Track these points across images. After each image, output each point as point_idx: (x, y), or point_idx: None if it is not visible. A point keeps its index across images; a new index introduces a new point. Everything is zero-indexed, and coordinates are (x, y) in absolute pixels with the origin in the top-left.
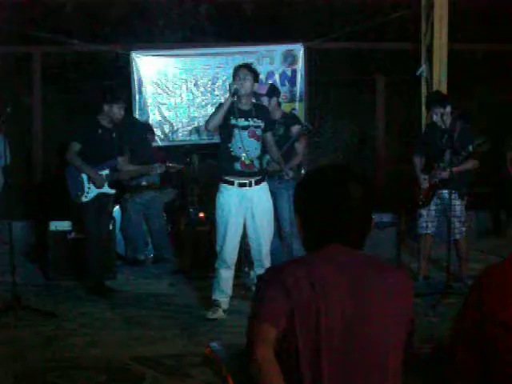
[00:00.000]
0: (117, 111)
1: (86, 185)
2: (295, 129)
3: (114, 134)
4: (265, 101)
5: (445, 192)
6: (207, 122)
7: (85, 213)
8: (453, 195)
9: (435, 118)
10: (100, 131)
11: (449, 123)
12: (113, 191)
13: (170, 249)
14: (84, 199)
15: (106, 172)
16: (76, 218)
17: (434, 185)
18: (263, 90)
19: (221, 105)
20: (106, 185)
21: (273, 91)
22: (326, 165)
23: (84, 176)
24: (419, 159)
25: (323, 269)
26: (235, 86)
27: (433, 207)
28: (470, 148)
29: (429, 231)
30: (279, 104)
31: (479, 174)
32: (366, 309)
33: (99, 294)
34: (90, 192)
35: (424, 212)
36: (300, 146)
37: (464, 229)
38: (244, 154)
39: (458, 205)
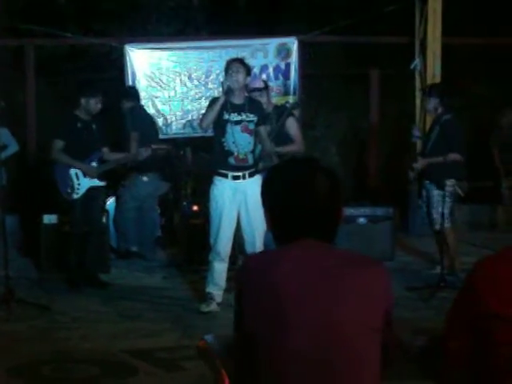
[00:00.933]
0: (93, 105)
1: (76, 181)
2: (284, 116)
3: (93, 126)
4: (256, 95)
5: (427, 183)
6: (201, 120)
7: (74, 208)
8: (430, 185)
9: (425, 103)
10: (79, 125)
11: (438, 114)
12: (102, 183)
13: (153, 249)
14: (75, 196)
15: (93, 165)
16: (64, 213)
17: (417, 176)
18: (257, 84)
19: (214, 101)
20: (95, 178)
21: (264, 86)
22: (292, 158)
23: (72, 173)
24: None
25: (290, 262)
26: (228, 84)
27: (423, 203)
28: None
29: (437, 226)
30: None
31: (475, 168)
32: (336, 302)
33: (94, 286)
34: (81, 188)
35: (422, 204)
36: (296, 134)
37: (446, 220)
38: (237, 149)
39: (435, 195)
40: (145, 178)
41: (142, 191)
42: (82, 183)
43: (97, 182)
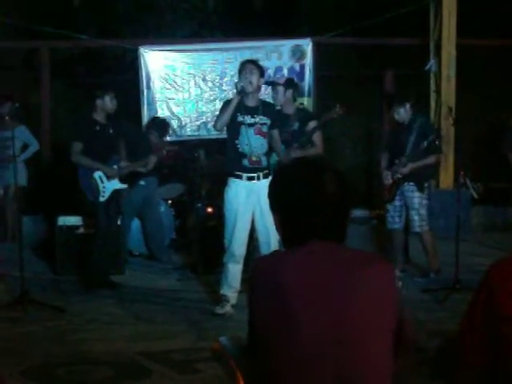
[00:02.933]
0: (109, 102)
1: (101, 185)
2: (312, 123)
3: (110, 130)
4: (280, 91)
5: (405, 185)
6: (215, 122)
7: (100, 211)
8: (411, 187)
9: (396, 116)
10: (98, 128)
11: (408, 120)
12: (124, 185)
13: (166, 251)
14: (101, 199)
15: (114, 167)
16: (88, 215)
17: (396, 180)
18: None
19: (227, 103)
20: (117, 180)
21: (291, 83)
22: (300, 160)
23: (96, 176)
24: (384, 156)
25: (300, 263)
26: (241, 84)
27: (398, 202)
28: (425, 144)
29: (396, 226)
30: (294, 99)
31: (489, 169)
32: (346, 302)
33: (103, 287)
34: (106, 191)
35: (390, 207)
36: (318, 139)
37: (425, 222)
38: (251, 151)
39: (416, 197)
40: (141, 182)
41: (140, 195)
42: (107, 186)
43: (119, 185)
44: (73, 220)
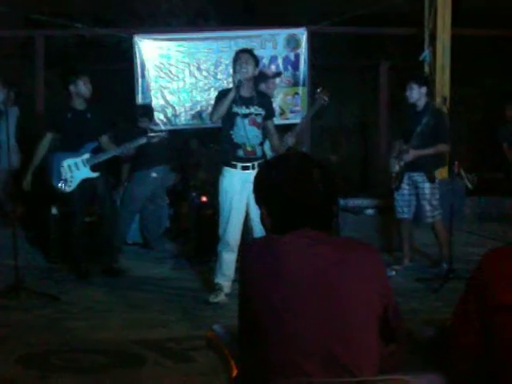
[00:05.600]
0: (82, 86)
1: (69, 174)
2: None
3: (88, 115)
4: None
5: (415, 175)
6: (212, 114)
7: (69, 201)
8: (421, 177)
9: (408, 92)
10: (70, 115)
11: (423, 105)
12: (95, 174)
13: (161, 240)
14: (67, 189)
15: (86, 156)
16: (60, 205)
17: (402, 168)
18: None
19: (222, 94)
20: (87, 169)
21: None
22: (285, 153)
23: (65, 165)
24: (398, 143)
25: (290, 249)
26: (239, 78)
27: (405, 191)
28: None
29: (405, 215)
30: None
31: (484, 160)
32: (336, 286)
33: (109, 275)
34: (73, 180)
35: (398, 197)
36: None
37: (437, 212)
38: (245, 142)
39: (427, 187)
40: (154, 174)
41: (151, 186)
42: (75, 175)
43: (90, 173)
44: (57, 210)
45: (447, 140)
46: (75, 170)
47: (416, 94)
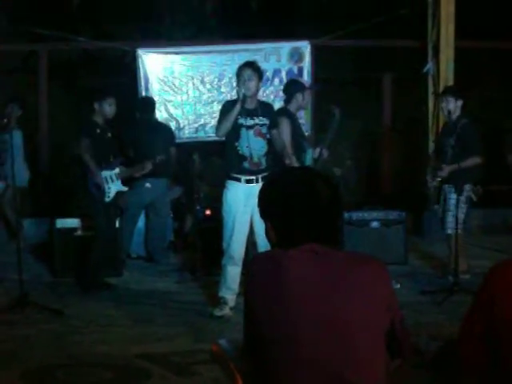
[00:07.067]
0: (107, 107)
1: (106, 186)
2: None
3: (109, 133)
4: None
5: (446, 187)
6: (217, 129)
7: (100, 213)
8: (449, 189)
9: (443, 104)
10: (98, 131)
11: (456, 118)
12: (125, 188)
13: (165, 253)
14: (107, 199)
15: (117, 170)
16: (85, 217)
17: (437, 184)
18: None
19: (226, 107)
20: (119, 182)
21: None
22: (290, 168)
23: (103, 176)
24: (432, 158)
25: (295, 264)
26: (243, 93)
27: (442, 204)
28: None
29: (449, 231)
30: None
31: (489, 171)
32: (341, 301)
33: (99, 289)
34: (111, 192)
35: (439, 211)
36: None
37: (460, 226)
38: (251, 153)
39: (452, 198)
40: (147, 185)
41: (145, 196)
42: (112, 187)
43: (122, 187)
44: (71, 222)
45: (479, 153)
46: (111, 183)
47: (452, 107)
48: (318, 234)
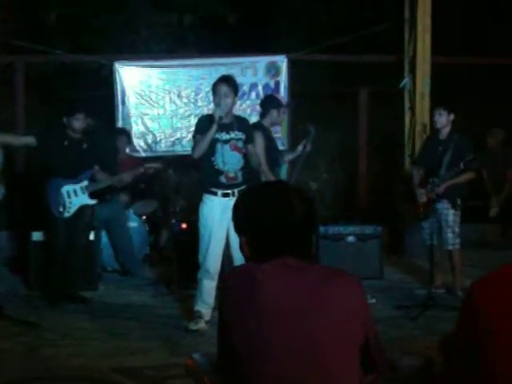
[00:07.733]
0: (76, 123)
1: (67, 200)
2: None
3: (84, 145)
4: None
5: (439, 203)
6: (193, 150)
7: (58, 227)
8: (445, 205)
9: (436, 117)
10: (66, 143)
11: (447, 133)
12: (93, 201)
13: (137, 264)
14: (66, 214)
15: (85, 183)
16: (50, 230)
17: (431, 198)
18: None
19: (203, 123)
20: (86, 196)
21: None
22: (265, 182)
23: (64, 191)
24: (417, 171)
25: (269, 278)
26: (219, 114)
27: (432, 219)
28: (461, 165)
29: (434, 242)
30: None
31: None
32: (315, 315)
33: (74, 302)
34: (72, 206)
35: (425, 225)
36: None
37: (458, 240)
38: (227, 168)
39: (451, 214)
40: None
41: (103, 212)
42: (74, 202)
43: (88, 201)
44: (43, 235)
45: (474, 168)
46: (74, 197)
47: (444, 121)
48: (292, 247)
